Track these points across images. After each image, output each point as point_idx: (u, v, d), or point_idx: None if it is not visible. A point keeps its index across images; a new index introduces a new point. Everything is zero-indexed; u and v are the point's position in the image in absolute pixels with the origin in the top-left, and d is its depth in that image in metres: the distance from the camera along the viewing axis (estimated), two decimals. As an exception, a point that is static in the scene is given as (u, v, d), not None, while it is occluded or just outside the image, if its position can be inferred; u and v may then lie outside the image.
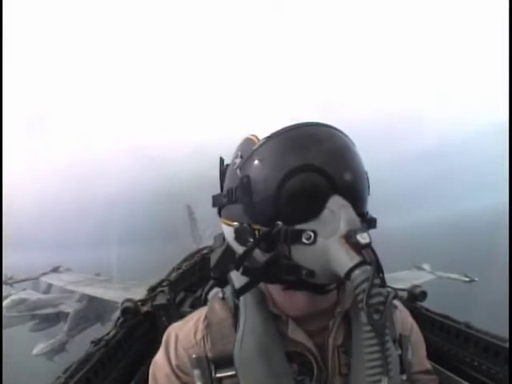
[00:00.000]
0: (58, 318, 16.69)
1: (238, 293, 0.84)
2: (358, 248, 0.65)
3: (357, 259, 0.64)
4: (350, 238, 0.66)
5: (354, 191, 0.74)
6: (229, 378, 0.81)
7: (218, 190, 0.90)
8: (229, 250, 0.94)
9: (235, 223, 0.79)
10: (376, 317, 0.62)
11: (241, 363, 0.80)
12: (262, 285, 0.89)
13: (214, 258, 1.13)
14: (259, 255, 0.76)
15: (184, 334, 0.89)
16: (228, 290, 0.94)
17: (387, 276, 0.73)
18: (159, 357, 0.90)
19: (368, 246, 0.66)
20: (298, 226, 0.71)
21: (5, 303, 15.55)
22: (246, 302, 0.87)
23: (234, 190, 0.79)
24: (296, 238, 0.70)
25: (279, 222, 0.72)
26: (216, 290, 0.98)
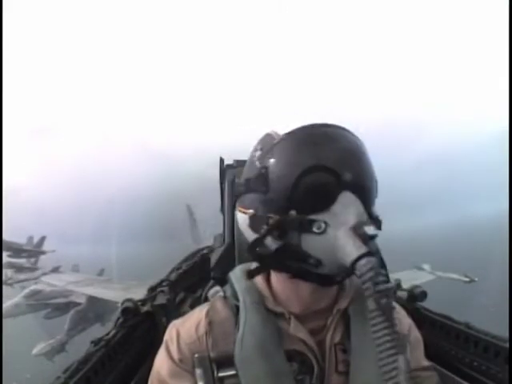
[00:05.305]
0: (68, 307, 17.78)
1: (249, 275, 0.87)
2: (364, 239, 0.69)
3: (363, 249, 0.67)
4: (357, 230, 0.70)
5: (362, 190, 0.77)
6: (230, 377, 0.81)
7: (218, 191, 0.91)
8: (229, 249, 0.95)
9: (250, 211, 0.83)
10: (383, 301, 0.64)
11: (241, 363, 0.81)
12: (260, 286, 0.91)
13: (214, 258, 1.14)
14: (270, 242, 0.79)
15: (185, 329, 0.90)
16: (228, 289, 0.95)
17: (387, 276, 0.74)
18: (160, 355, 0.90)
19: (374, 237, 0.71)
20: (310, 217, 0.74)
21: (24, 293, 17.22)
22: (246, 302, 0.88)
23: (252, 180, 0.82)
24: (308, 226, 0.74)
25: (293, 212, 0.75)
26: (216, 288, 0.99)
